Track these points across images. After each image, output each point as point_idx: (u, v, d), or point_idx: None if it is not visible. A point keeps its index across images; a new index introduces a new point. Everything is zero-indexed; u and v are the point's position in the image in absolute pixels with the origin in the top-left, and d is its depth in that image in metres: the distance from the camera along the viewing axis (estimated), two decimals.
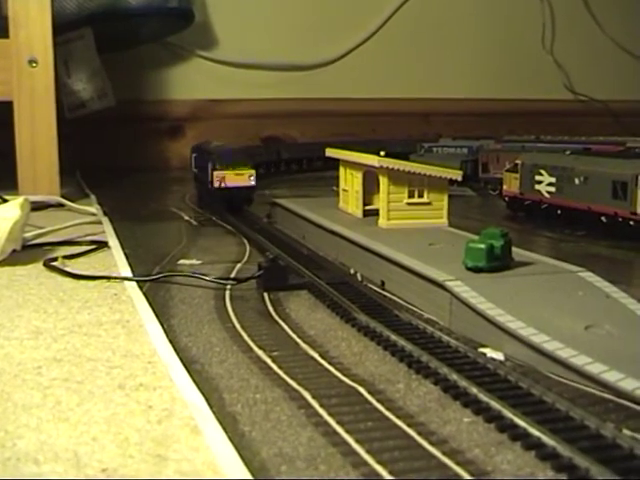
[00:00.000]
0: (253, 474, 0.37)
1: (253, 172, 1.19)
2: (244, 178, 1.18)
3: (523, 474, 0.39)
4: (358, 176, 0.99)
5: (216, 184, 1.17)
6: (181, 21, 1.93)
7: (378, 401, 0.48)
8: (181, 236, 1.07)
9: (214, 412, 0.44)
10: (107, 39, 1.82)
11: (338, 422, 0.44)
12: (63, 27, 1.57)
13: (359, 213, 1.00)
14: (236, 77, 2.16)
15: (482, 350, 0.57)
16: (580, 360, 0.50)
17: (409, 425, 0.44)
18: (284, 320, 0.66)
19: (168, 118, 2.12)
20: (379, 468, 0.39)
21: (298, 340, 0.60)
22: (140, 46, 2.01)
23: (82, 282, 0.78)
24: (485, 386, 0.48)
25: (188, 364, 0.53)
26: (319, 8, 2.21)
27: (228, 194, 1.19)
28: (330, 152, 1.08)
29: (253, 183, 1.18)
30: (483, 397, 0.47)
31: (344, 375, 0.52)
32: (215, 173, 1.17)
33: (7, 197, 1.16)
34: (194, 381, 0.49)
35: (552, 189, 1.15)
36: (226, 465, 0.38)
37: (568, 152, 1.23)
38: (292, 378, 0.51)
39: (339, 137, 2.00)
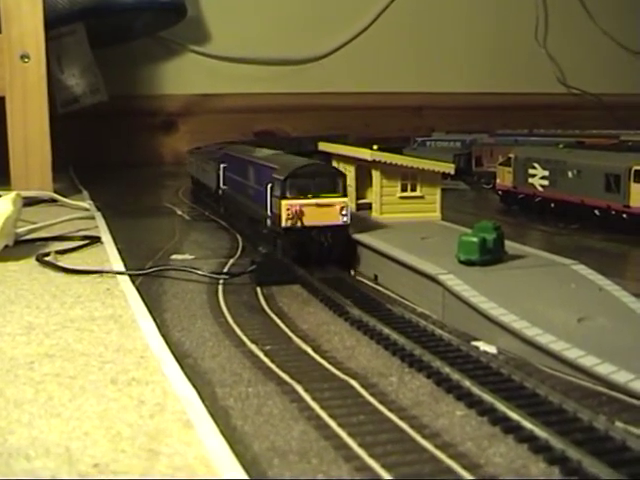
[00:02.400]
0: (245, 468, 0.37)
1: (346, 201, 0.78)
2: (333, 212, 0.77)
3: (516, 467, 0.39)
4: (351, 170, 0.99)
5: (287, 222, 0.76)
6: (173, 16, 1.93)
7: (371, 395, 0.48)
8: (174, 231, 1.06)
9: (206, 406, 0.44)
10: (99, 34, 1.81)
11: (330, 416, 0.44)
12: (55, 22, 1.57)
13: (352, 207, 0.99)
14: (229, 71, 2.15)
15: (475, 343, 0.57)
16: (573, 353, 0.50)
17: (401, 418, 0.44)
18: (277, 314, 0.66)
19: (161, 113, 2.12)
20: (371, 462, 0.39)
21: (291, 334, 0.60)
22: (132, 41, 2.01)
23: (75, 277, 0.77)
24: (478, 379, 0.48)
25: (180, 358, 0.53)
26: (312, 2, 2.21)
27: (306, 238, 0.77)
28: (323, 146, 1.08)
29: (346, 220, 0.78)
30: (476, 390, 0.47)
31: (337, 369, 0.52)
32: (285, 204, 0.76)
33: None
34: (186, 375, 0.49)
35: (545, 182, 1.15)
36: (218, 459, 0.38)
37: (561, 145, 1.24)
38: (285, 372, 0.51)
39: (332, 132, 2.00)
